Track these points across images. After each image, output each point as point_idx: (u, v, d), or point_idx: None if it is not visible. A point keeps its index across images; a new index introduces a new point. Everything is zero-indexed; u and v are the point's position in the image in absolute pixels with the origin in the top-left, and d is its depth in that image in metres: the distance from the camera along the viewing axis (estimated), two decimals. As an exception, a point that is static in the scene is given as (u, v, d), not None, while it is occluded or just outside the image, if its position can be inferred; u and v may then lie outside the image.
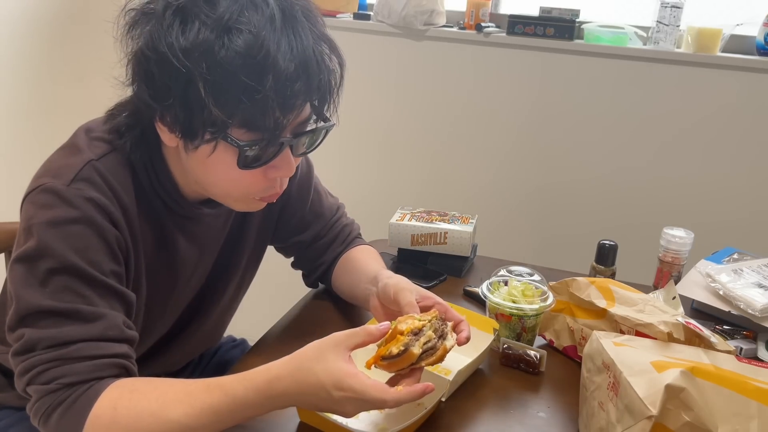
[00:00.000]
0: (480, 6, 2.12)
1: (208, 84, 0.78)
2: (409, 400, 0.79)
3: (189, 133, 0.83)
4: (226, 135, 0.81)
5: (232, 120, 0.80)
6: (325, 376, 0.77)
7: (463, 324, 0.94)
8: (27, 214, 0.84)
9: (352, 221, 1.28)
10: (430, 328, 0.85)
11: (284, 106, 0.81)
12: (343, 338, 0.80)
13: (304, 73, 0.81)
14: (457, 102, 2.21)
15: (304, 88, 0.82)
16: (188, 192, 0.97)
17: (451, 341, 0.88)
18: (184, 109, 0.80)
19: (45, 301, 0.80)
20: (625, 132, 2.07)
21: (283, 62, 0.79)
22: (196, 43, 0.77)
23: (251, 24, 0.78)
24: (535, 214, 2.23)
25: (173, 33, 0.78)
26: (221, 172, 0.87)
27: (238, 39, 0.77)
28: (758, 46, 1.92)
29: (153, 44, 0.80)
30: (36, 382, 0.80)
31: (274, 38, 0.79)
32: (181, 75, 0.78)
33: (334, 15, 2.25)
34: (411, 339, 0.83)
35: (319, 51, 0.83)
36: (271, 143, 0.83)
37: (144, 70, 0.82)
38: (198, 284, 1.08)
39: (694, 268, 1.30)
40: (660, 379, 0.77)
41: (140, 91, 0.84)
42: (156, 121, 0.86)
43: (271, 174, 0.89)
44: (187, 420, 0.78)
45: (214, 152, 0.84)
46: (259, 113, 0.80)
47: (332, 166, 2.24)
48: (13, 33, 2.06)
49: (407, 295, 0.97)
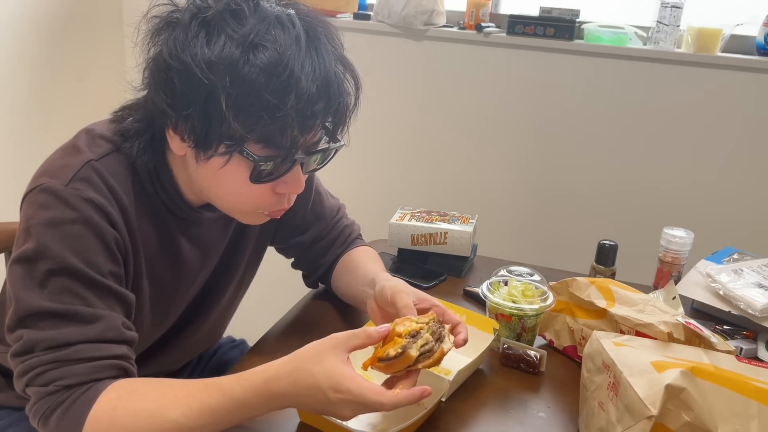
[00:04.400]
0: (480, 6, 2.12)
1: (230, 98, 0.78)
2: (406, 403, 0.79)
3: (203, 144, 0.83)
4: (243, 149, 0.82)
5: (251, 135, 0.80)
6: (322, 377, 0.77)
7: (461, 326, 0.94)
8: (26, 214, 0.84)
9: (352, 222, 1.28)
10: (427, 331, 0.85)
11: (303, 126, 0.81)
12: (342, 340, 0.80)
13: (325, 95, 0.82)
14: (456, 102, 2.21)
15: (324, 109, 0.82)
16: (190, 197, 0.96)
17: (449, 344, 0.87)
18: (202, 121, 0.81)
19: (44, 302, 0.80)
20: (625, 132, 2.07)
21: (306, 83, 0.79)
22: (221, 57, 0.78)
23: (277, 42, 0.79)
24: (535, 214, 2.23)
25: (198, 44, 0.79)
26: (231, 185, 0.87)
27: (263, 56, 0.78)
28: (758, 46, 1.92)
29: (176, 53, 0.80)
30: (35, 384, 0.80)
31: (298, 58, 0.79)
32: (203, 86, 0.78)
33: (334, 15, 2.25)
34: (409, 341, 0.82)
35: (340, 73, 0.84)
36: (285, 160, 0.84)
37: (164, 78, 0.82)
38: (200, 285, 1.08)
39: (694, 268, 1.30)
40: (660, 379, 0.77)
41: (157, 97, 0.83)
42: (167, 129, 0.86)
43: (280, 189, 0.89)
44: (186, 420, 0.78)
45: (226, 165, 0.84)
46: (278, 131, 0.80)
47: (332, 166, 2.23)
48: (13, 33, 2.06)
49: (404, 297, 0.97)
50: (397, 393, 0.78)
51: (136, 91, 0.88)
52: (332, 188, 1.27)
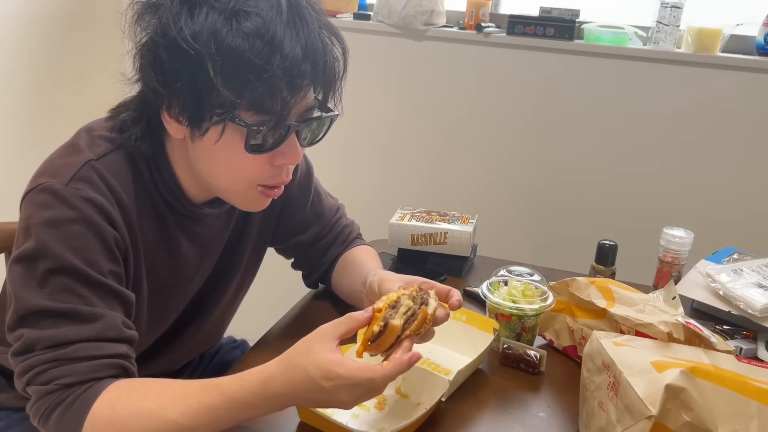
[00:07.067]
0: (480, 6, 2.12)
1: (217, 65, 0.79)
2: (397, 372, 0.78)
3: (197, 118, 0.84)
4: (234, 116, 0.82)
5: (241, 100, 0.81)
6: (313, 369, 0.77)
7: (452, 291, 0.93)
8: (25, 214, 0.85)
9: (352, 222, 1.28)
10: (407, 299, 0.84)
11: (291, 86, 0.82)
12: (328, 329, 0.80)
13: (311, 55, 0.83)
14: (457, 102, 2.21)
15: (311, 69, 0.83)
16: (191, 192, 0.97)
17: (433, 304, 0.86)
18: (193, 92, 0.82)
19: (44, 301, 0.80)
20: (625, 132, 2.07)
21: (289, 44, 0.81)
22: (204, 26, 0.79)
23: (259, 8, 0.80)
24: (535, 214, 2.23)
25: (182, 18, 0.80)
26: (228, 158, 0.87)
27: (246, 21, 0.80)
28: (758, 46, 1.92)
29: (162, 30, 0.81)
30: (35, 383, 0.80)
31: (280, 22, 0.81)
32: (190, 57, 0.79)
33: (334, 15, 2.25)
34: (389, 312, 0.82)
35: (324, 37, 0.86)
36: (278, 125, 0.85)
37: (153, 56, 0.83)
38: (199, 284, 1.08)
39: (694, 268, 1.30)
40: (660, 379, 0.77)
41: (149, 78, 0.85)
42: (162, 113, 0.86)
43: (277, 161, 0.89)
44: (184, 420, 0.78)
45: (221, 137, 0.84)
46: (267, 93, 0.81)
47: (332, 166, 2.24)
48: (13, 33, 2.06)
49: (388, 284, 0.98)
50: (386, 364, 0.78)
51: (130, 82, 0.88)
52: (332, 188, 1.27)
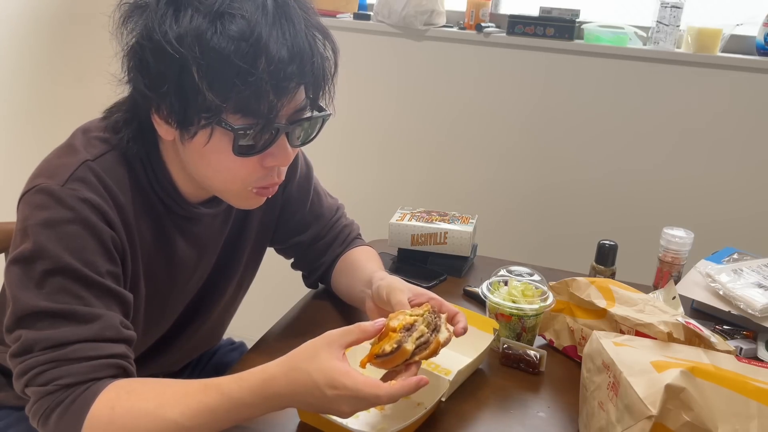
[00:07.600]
0: (480, 6, 2.12)
1: (202, 69, 0.78)
2: (403, 394, 0.78)
3: (184, 122, 0.83)
4: (221, 120, 0.82)
5: (227, 104, 0.80)
6: (318, 375, 0.76)
7: (459, 315, 0.94)
8: (23, 215, 0.84)
9: (351, 222, 1.28)
10: (422, 323, 0.84)
11: (278, 89, 0.81)
12: (336, 336, 0.80)
13: (297, 57, 0.82)
14: (457, 102, 2.21)
15: (298, 71, 0.82)
16: (187, 192, 0.96)
17: (446, 334, 0.87)
18: (179, 97, 0.81)
19: (41, 302, 0.80)
20: (625, 132, 2.07)
21: (275, 46, 0.80)
22: (189, 29, 0.79)
23: (243, 10, 0.79)
24: (535, 214, 2.23)
25: (167, 21, 0.80)
26: (217, 161, 0.87)
27: (231, 24, 0.79)
28: (758, 46, 1.92)
29: (148, 33, 0.81)
30: (34, 384, 0.80)
31: (265, 24, 0.80)
32: (175, 61, 0.79)
33: (334, 15, 2.25)
34: (404, 335, 0.82)
35: (311, 37, 0.84)
36: (265, 129, 0.84)
37: (139, 59, 0.83)
38: (197, 284, 1.08)
39: (694, 268, 1.30)
40: (660, 379, 0.77)
41: (136, 81, 0.85)
42: (152, 115, 0.86)
43: (267, 163, 0.88)
44: (184, 420, 0.77)
45: (210, 141, 0.84)
46: (253, 97, 0.80)
47: (332, 166, 2.24)
48: (13, 33, 2.06)
49: (398, 294, 0.97)
50: (394, 384, 0.78)
51: (121, 82, 0.88)
52: (332, 188, 1.27)
